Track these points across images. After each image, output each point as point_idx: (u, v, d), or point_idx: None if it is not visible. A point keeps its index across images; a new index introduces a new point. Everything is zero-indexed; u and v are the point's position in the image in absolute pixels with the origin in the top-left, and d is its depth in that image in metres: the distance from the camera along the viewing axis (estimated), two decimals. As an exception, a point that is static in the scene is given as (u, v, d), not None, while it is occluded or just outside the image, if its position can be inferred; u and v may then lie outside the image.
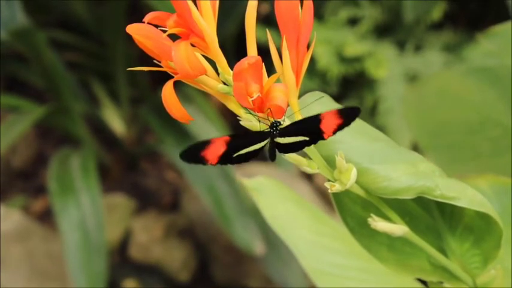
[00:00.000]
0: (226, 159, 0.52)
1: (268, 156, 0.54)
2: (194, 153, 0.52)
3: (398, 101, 1.91)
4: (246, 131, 0.53)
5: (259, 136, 0.53)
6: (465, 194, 0.56)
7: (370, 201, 0.58)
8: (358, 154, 0.55)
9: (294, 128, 0.52)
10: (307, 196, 1.91)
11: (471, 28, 2.11)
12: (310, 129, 0.52)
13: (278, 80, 0.52)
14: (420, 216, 0.61)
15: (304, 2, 0.51)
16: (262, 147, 0.53)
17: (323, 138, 0.51)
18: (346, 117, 0.51)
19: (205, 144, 0.52)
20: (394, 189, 0.55)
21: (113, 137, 2.12)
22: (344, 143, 0.55)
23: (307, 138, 0.52)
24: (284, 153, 0.53)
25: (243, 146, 0.53)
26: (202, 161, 0.52)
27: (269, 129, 0.52)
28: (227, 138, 0.52)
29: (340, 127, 0.51)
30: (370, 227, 0.58)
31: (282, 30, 0.52)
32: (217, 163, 0.52)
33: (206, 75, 0.52)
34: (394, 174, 0.55)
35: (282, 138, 0.52)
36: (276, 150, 0.53)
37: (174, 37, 0.51)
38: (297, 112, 0.53)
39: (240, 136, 0.53)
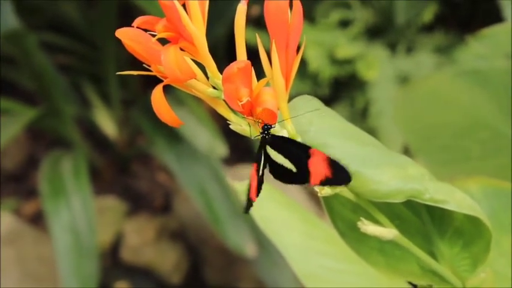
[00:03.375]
0: (260, 186, 0.53)
1: (255, 156, 0.54)
2: (250, 203, 0.53)
3: (390, 103, 1.91)
4: (257, 153, 0.54)
5: (260, 148, 0.53)
6: (454, 198, 0.56)
7: (360, 205, 0.58)
8: (347, 158, 0.55)
9: (283, 143, 0.53)
10: (299, 199, 1.91)
11: (462, 30, 2.12)
12: (299, 158, 0.52)
13: (268, 84, 0.52)
14: (410, 219, 0.61)
15: (294, 4, 0.51)
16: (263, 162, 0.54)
17: (309, 182, 0.52)
18: (336, 175, 0.51)
19: (249, 189, 0.53)
20: (384, 192, 0.55)
21: (104, 140, 2.12)
22: (334, 146, 0.55)
23: (294, 169, 0.52)
24: (274, 177, 0.54)
25: (261, 162, 0.53)
26: (251, 203, 0.54)
27: (260, 133, 0.52)
28: (255, 165, 0.53)
29: (327, 182, 0.52)
30: (360, 230, 0.58)
31: (271, 34, 0.52)
32: (257, 195, 0.54)
33: (196, 79, 0.52)
34: (384, 177, 0.55)
35: (271, 149, 0.53)
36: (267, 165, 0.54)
37: (163, 41, 0.51)
38: (287, 116, 0.53)
39: (257, 156, 0.53)
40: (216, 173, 1.77)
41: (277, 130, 0.53)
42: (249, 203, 0.53)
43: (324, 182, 0.52)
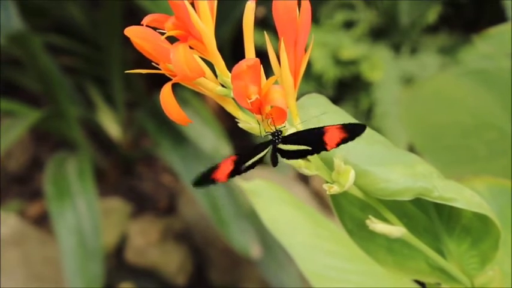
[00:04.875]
0: (234, 174, 0.53)
1: (270, 161, 0.54)
2: (205, 178, 0.52)
3: (394, 104, 1.91)
4: (249, 146, 0.53)
5: (262, 146, 0.53)
6: (463, 196, 0.57)
7: (368, 203, 0.58)
8: (356, 156, 0.55)
9: (297, 137, 0.53)
10: (304, 199, 1.91)
11: (466, 31, 2.11)
12: (314, 140, 0.52)
13: (276, 82, 0.52)
14: (418, 217, 0.61)
15: (302, 3, 0.52)
16: (265, 154, 0.53)
17: (326, 150, 0.52)
18: (351, 132, 0.51)
19: (213, 168, 0.52)
20: (392, 190, 0.55)
21: (108, 141, 2.12)
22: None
23: (309, 148, 0.52)
24: (287, 159, 0.53)
25: (249, 158, 0.53)
26: (213, 182, 0.52)
27: (271, 138, 0.52)
28: (234, 157, 0.53)
29: (343, 141, 0.51)
30: (368, 229, 0.58)
31: (280, 32, 0.52)
32: (228, 179, 0.53)
33: (204, 77, 0.52)
34: (392, 175, 0.55)
35: (285, 145, 0.53)
36: (278, 155, 0.53)
37: (172, 40, 0.51)
38: (295, 114, 0.53)
39: (245, 152, 0.53)
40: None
41: (286, 128, 0.53)
42: (209, 180, 0.52)
43: (341, 142, 0.51)
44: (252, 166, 0.53)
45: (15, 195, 2.10)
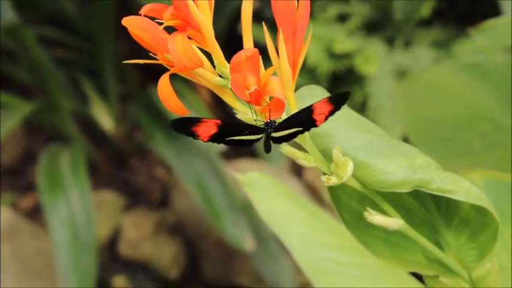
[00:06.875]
0: (217, 139, 0.53)
1: (264, 149, 0.53)
2: (185, 125, 0.52)
3: (388, 97, 1.91)
4: (238, 123, 0.53)
5: (252, 129, 0.53)
6: (461, 187, 0.56)
7: (365, 195, 0.58)
8: (354, 147, 0.55)
9: (288, 123, 0.52)
10: (297, 192, 1.91)
11: (460, 25, 2.11)
12: (304, 120, 0.52)
13: (274, 74, 0.51)
14: (416, 209, 0.61)
15: (301, -7, 0.51)
16: (257, 140, 0.53)
17: (316, 126, 0.52)
18: (336, 102, 0.51)
19: (197, 121, 0.52)
20: (391, 182, 0.55)
21: (102, 134, 2.12)
22: (340, 136, 0.55)
23: (300, 128, 0.52)
24: (279, 144, 0.53)
25: (236, 134, 0.53)
26: (193, 135, 0.52)
27: (264, 126, 0.52)
28: (219, 122, 0.52)
29: (331, 113, 0.51)
30: (365, 221, 0.58)
31: (279, 23, 0.52)
32: (208, 141, 0.52)
33: (203, 67, 0.51)
34: (391, 167, 0.55)
35: (277, 132, 0.52)
36: (271, 142, 0.53)
37: (170, 30, 0.50)
38: (294, 105, 0.53)
39: (232, 124, 0.53)
40: (214, 167, 1.76)
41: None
42: (189, 130, 0.52)
43: (328, 116, 0.51)
44: (238, 143, 0.53)
45: (8, 188, 2.09)
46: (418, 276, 0.68)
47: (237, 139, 0.53)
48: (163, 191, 2.10)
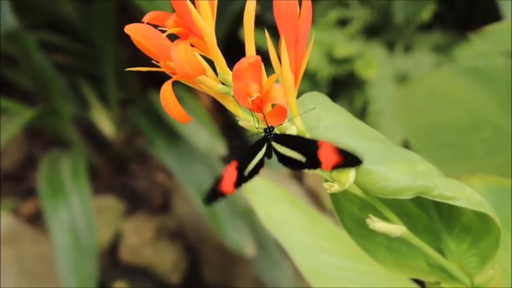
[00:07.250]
0: (240, 182, 0.52)
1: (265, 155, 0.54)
2: (215, 193, 0.52)
3: (389, 102, 1.91)
4: (244, 147, 0.53)
5: (258, 145, 0.53)
6: (463, 194, 0.56)
7: (367, 202, 0.58)
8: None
9: (290, 139, 0.52)
10: (298, 197, 1.90)
11: (460, 29, 2.12)
12: (307, 151, 0.52)
13: (277, 81, 0.51)
14: (418, 216, 0.61)
15: (303, 1, 0.51)
16: (265, 154, 0.53)
17: (321, 169, 0.52)
18: (347, 161, 0.51)
19: (220, 179, 0.52)
20: (393, 189, 0.55)
21: (102, 139, 2.12)
22: (343, 143, 0.55)
23: (303, 159, 0.52)
24: (283, 164, 0.53)
25: (249, 160, 0.53)
26: (223, 196, 0.52)
27: (264, 134, 0.52)
28: (235, 162, 0.52)
29: (338, 166, 0.51)
30: (367, 227, 0.58)
31: (281, 30, 0.52)
32: (234, 190, 0.52)
33: (205, 75, 0.51)
34: (393, 174, 0.55)
35: (278, 144, 0.52)
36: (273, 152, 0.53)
37: (172, 38, 0.50)
38: (296, 113, 0.53)
39: (243, 154, 0.53)
40: (215, 172, 1.76)
41: (287, 126, 0.53)
42: (218, 193, 0.52)
43: (337, 167, 0.51)
44: (256, 171, 0.53)
45: (9, 193, 2.09)
46: (420, 283, 0.68)
47: (254, 167, 0.52)
48: (164, 196, 2.10)
